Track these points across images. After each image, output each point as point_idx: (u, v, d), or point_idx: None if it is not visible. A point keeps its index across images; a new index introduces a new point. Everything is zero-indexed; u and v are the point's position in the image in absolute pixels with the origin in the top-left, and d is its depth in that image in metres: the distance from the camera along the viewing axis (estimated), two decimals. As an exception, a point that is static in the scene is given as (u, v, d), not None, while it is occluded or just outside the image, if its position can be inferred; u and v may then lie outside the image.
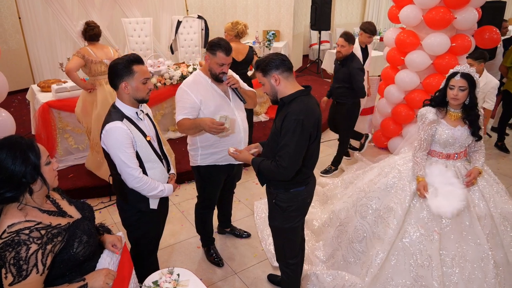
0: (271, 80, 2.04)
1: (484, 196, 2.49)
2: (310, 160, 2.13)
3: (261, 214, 3.59)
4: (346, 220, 2.84)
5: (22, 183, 1.38)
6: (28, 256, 1.33)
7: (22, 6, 5.87)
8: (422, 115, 2.53)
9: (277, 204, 2.21)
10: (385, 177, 2.73)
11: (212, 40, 2.47)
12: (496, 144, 5.22)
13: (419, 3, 4.12)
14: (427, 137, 2.51)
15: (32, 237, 1.35)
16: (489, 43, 4.31)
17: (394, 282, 2.42)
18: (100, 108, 3.69)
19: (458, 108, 2.46)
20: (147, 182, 2.04)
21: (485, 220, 2.43)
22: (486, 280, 2.30)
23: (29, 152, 1.40)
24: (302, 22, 9.10)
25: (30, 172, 1.39)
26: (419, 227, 2.43)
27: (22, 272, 1.32)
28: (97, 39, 3.75)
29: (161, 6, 7.16)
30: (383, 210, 2.59)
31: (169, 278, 1.80)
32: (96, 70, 3.70)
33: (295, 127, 1.94)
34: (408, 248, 2.42)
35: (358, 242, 2.68)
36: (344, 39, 3.89)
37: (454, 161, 2.55)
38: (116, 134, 1.95)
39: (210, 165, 2.67)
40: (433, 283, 2.32)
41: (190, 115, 2.46)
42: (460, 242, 2.39)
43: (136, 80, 1.99)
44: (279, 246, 2.39)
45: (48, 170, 1.46)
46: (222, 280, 2.86)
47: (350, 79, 3.97)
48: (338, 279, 2.63)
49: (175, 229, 3.43)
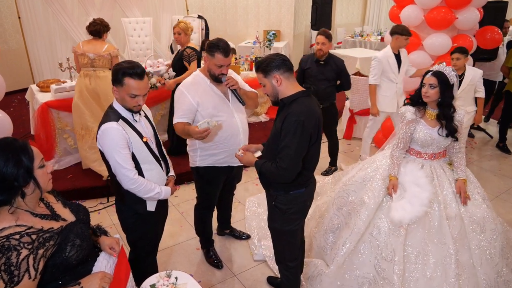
0: (272, 81, 2.01)
1: (456, 197, 2.51)
2: (310, 162, 2.11)
3: (252, 208, 3.67)
4: (325, 213, 2.89)
5: (13, 186, 1.36)
6: (19, 261, 1.31)
7: (22, 6, 5.86)
8: (401, 114, 2.55)
9: (276, 206, 2.18)
10: (363, 171, 2.77)
11: (210, 41, 2.44)
12: (497, 145, 5.20)
13: (420, 3, 4.10)
14: (405, 136, 2.52)
15: (22, 242, 1.33)
16: (490, 43, 4.29)
17: (359, 272, 2.47)
18: (77, 98, 3.90)
19: (435, 107, 2.45)
20: (142, 184, 2.01)
21: (454, 221, 2.44)
22: (446, 279, 2.32)
23: (22, 155, 1.37)
24: (302, 22, 9.08)
25: (23, 175, 1.36)
26: (388, 221, 2.46)
27: (13, 278, 1.30)
28: (96, 35, 3.87)
29: (161, 6, 7.15)
30: (357, 202, 2.63)
31: (167, 282, 1.78)
32: (81, 62, 3.90)
33: (296, 128, 1.92)
34: (375, 241, 2.46)
35: (332, 232, 2.74)
36: (324, 36, 3.81)
37: (431, 161, 2.56)
38: (111, 135, 1.93)
39: (209, 166, 2.65)
40: (394, 277, 2.35)
41: (186, 118, 2.45)
42: (426, 239, 2.41)
43: (123, 91, 1.96)
44: (279, 248, 2.37)
45: (41, 173, 1.43)
46: (221, 282, 2.84)
47: (337, 77, 3.93)
48: (311, 266, 2.70)
49: (174, 230, 3.41)
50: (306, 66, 3.98)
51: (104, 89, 3.86)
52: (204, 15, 6.79)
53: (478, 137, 5.57)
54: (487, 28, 4.27)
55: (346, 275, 2.50)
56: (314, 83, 3.94)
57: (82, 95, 3.89)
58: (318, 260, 2.71)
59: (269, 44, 6.13)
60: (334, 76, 3.94)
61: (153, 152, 2.12)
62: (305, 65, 3.99)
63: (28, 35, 6.04)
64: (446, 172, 2.57)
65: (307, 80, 3.99)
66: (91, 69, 3.90)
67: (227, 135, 2.55)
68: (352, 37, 10.04)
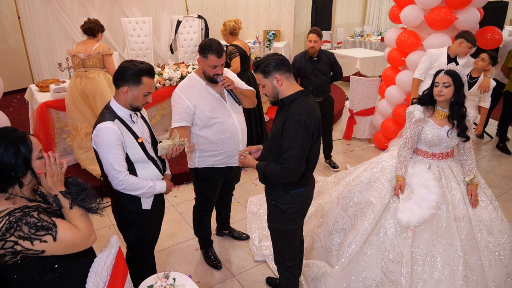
0: (273, 81, 2.01)
1: (465, 198, 2.49)
2: (311, 161, 2.11)
3: (253, 208, 3.66)
4: (328, 212, 2.87)
5: (11, 176, 1.36)
6: (37, 217, 1.35)
7: (22, 6, 5.86)
8: (409, 113, 2.52)
9: (277, 205, 2.18)
10: (369, 172, 2.75)
11: (203, 42, 2.42)
12: (497, 145, 5.19)
13: (420, 3, 4.09)
14: (413, 136, 2.49)
15: (25, 211, 1.35)
16: (491, 44, 4.27)
17: (365, 274, 2.44)
18: (67, 98, 3.93)
19: (446, 106, 2.44)
20: (132, 184, 2.01)
21: (463, 223, 2.42)
22: (454, 281, 2.30)
23: (21, 145, 1.38)
24: (303, 22, 9.07)
25: (20, 165, 1.37)
26: (395, 223, 2.44)
27: (49, 226, 1.35)
28: (90, 34, 3.88)
29: (161, 5, 7.14)
30: (364, 203, 2.61)
31: (165, 283, 1.77)
32: (73, 63, 3.96)
33: (298, 128, 1.92)
34: (382, 243, 2.44)
35: (337, 233, 2.71)
36: (316, 34, 3.97)
37: (439, 161, 2.53)
38: (105, 135, 1.93)
39: (208, 167, 2.64)
40: (401, 279, 2.33)
41: (184, 121, 2.44)
42: (434, 241, 2.39)
43: (139, 91, 1.99)
44: (278, 248, 2.36)
45: (39, 164, 1.44)
46: (220, 283, 2.83)
47: (330, 69, 4.12)
48: (313, 267, 2.67)
49: (173, 231, 3.40)
50: (301, 65, 4.09)
51: (92, 90, 3.84)
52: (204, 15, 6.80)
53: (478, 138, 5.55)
54: (487, 29, 4.26)
55: (352, 277, 2.47)
56: (311, 79, 4.07)
57: (72, 96, 3.89)
58: (320, 261, 2.69)
59: (269, 44, 6.13)
60: (328, 70, 4.14)
61: (147, 153, 2.11)
62: (299, 64, 4.09)
63: (27, 35, 6.03)
64: (454, 172, 2.53)
65: (304, 78, 4.11)
66: (82, 70, 3.90)
67: (226, 136, 2.54)
68: (352, 37, 10.03)
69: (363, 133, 5.34)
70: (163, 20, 7.11)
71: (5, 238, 1.29)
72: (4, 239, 1.29)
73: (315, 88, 4.05)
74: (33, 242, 1.32)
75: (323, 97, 4.10)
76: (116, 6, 6.54)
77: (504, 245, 2.43)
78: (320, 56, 4.07)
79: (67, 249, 1.41)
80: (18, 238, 1.30)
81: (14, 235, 1.30)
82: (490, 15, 4.51)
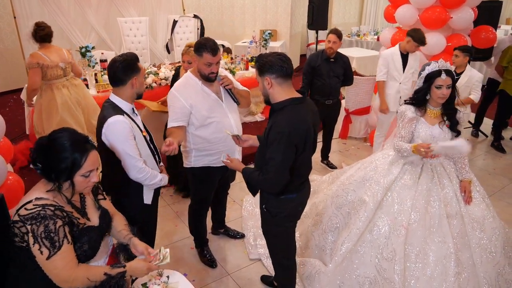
0: (264, 82, 1.97)
1: (457, 195, 2.50)
2: (299, 170, 2.06)
3: (249, 207, 3.68)
4: (323, 211, 2.89)
5: (51, 174, 1.45)
6: (57, 228, 1.40)
7: (18, 5, 5.84)
8: (401, 113, 2.53)
9: (267, 209, 2.18)
10: (363, 171, 2.77)
11: (198, 41, 2.43)
12: (492, 144, 5.21)
13: (415, 3, 4.12)
14: (407, 134, 2.52)
15: (56, 214, 1.41)
16: (485, 43, 4.31)
17: (359, 272, 2.47)
18: (62, 112, 3.63)
19: (438, 105, 2.46)
20: (148, 172, 2.11)
21: (455, 220, 2.44)
22: (446, 278, 2.32)
23: (76, 155, 1.45)
24: (299, 21, 9.08)
25: (62, 172, 1.44)
26: (388, 220, 2.46)
27: (55, 244, 1.39)
28: (48, 40, 3.59)
29: (157, 5, 7.14)
30: (357, 202, 2.63)
31: (159, 281, 1.78)
32: (52, 75, 3.55)
33: (280, 140, 1.88)
34: (376, 241, 2.46)
35: (331, 232, 2.74)
36: (336, 35, 3.92)
37: (431, 159, 2.55)
38: (120, 128, 2.00)
39: (204, 166, 2.65)
40: (394, 277, 2.36)
41: (181, 121, 2.45)
42: (426, 238, 2.41)
43: (141, 75, 2.11)
44: (272, 248, 2.38)
45: (81, 180, 1.50)
46: (215, 281, 2.84)
47: (343, 73, 4.07)
48: (308, 265, 2.70)
49: (169, 230, 3.41)
50: (317, 63, 4.06)
51: (83, 95, 3.80)
52: (200, 14, 6.80)
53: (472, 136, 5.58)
54: (481, 28, 4.29)
55: (346, 275, 2.49)
56: (325, 80, 4.05)
57: (67, 107, 3.64)
58: (315, 260, 2.72)
59: (265, 43, 6.13)
60: (342, 73, 4.10)
61: (149, 145, 2.20)
62: (315, 63, 4.06)
63: (23, 35, 6.01)
64: (446, 169, 2.55)
65: (318, 78, 4.08)
66: (64, 79, 3.67)
67: (222, 135, 2.54)
68: (348, 37, 10.03)
69: (359, 132, 5.36)
70: (159, 20, 7.11)
71: (25, 223, 1.38)
72: (24, 223, 1.38)
73: (327, 89, 4.05)
74: (34, 243, 1.38)
75: (333, 100, 4.11)
76: (112, 6, 6.53)
77: (496, 242, 2.46)
78: (336, 58, 4.05)
79: (48, 272, 1.44)
80: (31, 231, 1.38)
81: (31, 225, 1.38)
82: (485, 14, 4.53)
